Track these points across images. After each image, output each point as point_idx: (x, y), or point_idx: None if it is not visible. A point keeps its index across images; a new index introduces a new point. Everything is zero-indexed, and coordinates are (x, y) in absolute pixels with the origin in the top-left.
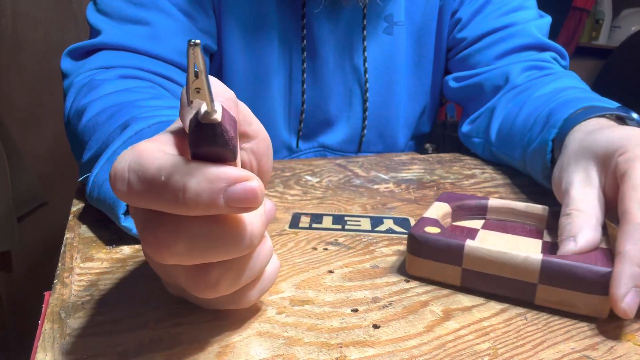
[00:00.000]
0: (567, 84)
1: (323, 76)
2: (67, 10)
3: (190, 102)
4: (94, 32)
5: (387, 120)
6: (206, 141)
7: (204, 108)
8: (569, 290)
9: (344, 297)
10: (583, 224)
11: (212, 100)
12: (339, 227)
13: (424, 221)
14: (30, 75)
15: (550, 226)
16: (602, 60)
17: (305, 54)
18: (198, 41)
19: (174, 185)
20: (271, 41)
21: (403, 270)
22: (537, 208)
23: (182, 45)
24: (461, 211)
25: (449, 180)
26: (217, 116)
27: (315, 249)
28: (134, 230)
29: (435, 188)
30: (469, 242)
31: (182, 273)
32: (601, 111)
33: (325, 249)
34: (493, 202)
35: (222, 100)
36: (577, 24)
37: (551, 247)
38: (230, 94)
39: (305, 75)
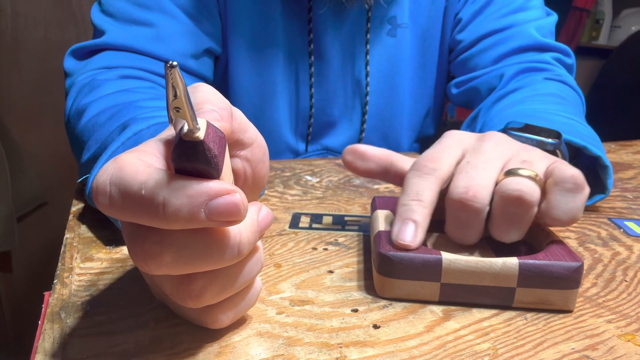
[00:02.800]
0: (545, 90)
1: (328, 79)
2: (67, 10)
3: (171, 121)
4: (98, 32)
5: (390, 122)
6: (187, 158)
7: (187, 125)
8: (546, 289)
9: (344, 297)
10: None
11: (193, 119)
12: (339, 227)
13: (384, 237)
14: (30, 75)
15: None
16: (602, 60)
17: (312, 57)
18: (175, 63)
19: (155, 200)
20: (277, 46)
21: None
22: None
23: (186, 48)
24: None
25: None
26: (200, 134)
27: (315, 249)
28: None
29: None
30: (445, 256)
31: (167, 281)
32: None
33: (325, 249)
34: None
35: (216, 109)
36: (577, 24)
37: (490, 243)
38: (225, 103)
39: (312, 79)
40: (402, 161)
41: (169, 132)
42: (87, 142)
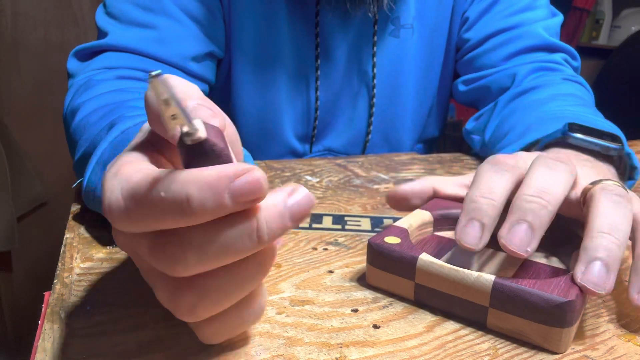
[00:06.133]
0: (567, 91)
1: (335, 82)
2: (67, 10)
3: (171, 132)
4: (101, 34)
5: (392, 122)
6: (197, 160)
7: (185, 129)
8: (520, 318)
9: (344, 297)
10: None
11: (190, 121)
12: (339, 227)
13: (389, 230)
14: (30, 75)
15: (542, 242)
16: (602, 60)
17: (319, 61)
18: (159, 71)
19: (177, 198)
20: (282, 50)
21: None
22: None
23: (188, 50)
24: (446, 220)
25: None
26: (201, 134)
27: (315, 249)
28: None
29: None
30: (422, 256)
31: (161, 296)
32: (551, 139)
33: (325, 249)
34: None
35: (204, 105)
36: (577, 24)
37: (531, 267)
38: (200, 93)
39: (318, 82)
40: (445, 187)
41: (138, 139)
42: (78, 141)
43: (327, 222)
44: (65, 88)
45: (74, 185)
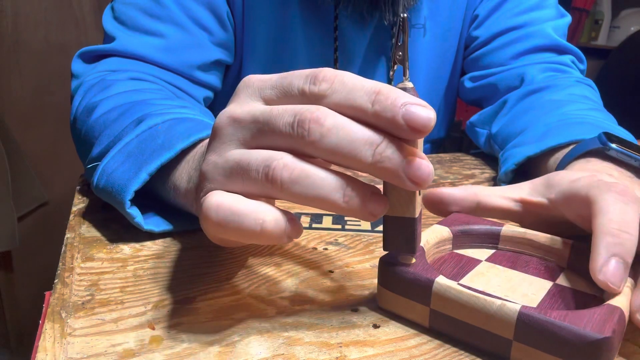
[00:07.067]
0: (582, 93)
1: None
2: (67, 11)
3: (393, 66)
4: (108, 38)
5: None
6: None
7: (404, 75)
8: (549, 355)
9: (344, 297)
10: None
11: (406, 65)
12: (339, 227)
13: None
14: (30, 75)
15: (571, 265)
16: (602, 61)
17: (337, 65)
18: (405, 15)
19: (371, 89)
20: (296, 55)
21: None
22: (559, 242)
23: (194, 59)
24: (467, 237)
25: (449, 180)
26: (408, 85)
27: (315, 249)
28: (137, 219)
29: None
30: (439, 279)
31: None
32: (587, 148)
33: (325, 249)
34: (508, 230)
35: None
36: (577, 24)
37: (558, 293)
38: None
39: None
40: (489, 198)
41: None
42: (98, 138)
43: (327, 222)
44: (66, 88)
45: (89, 166)
